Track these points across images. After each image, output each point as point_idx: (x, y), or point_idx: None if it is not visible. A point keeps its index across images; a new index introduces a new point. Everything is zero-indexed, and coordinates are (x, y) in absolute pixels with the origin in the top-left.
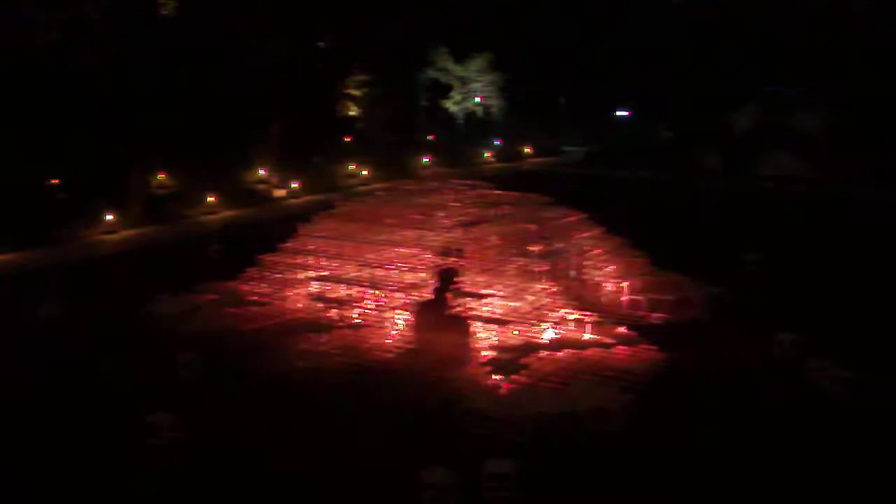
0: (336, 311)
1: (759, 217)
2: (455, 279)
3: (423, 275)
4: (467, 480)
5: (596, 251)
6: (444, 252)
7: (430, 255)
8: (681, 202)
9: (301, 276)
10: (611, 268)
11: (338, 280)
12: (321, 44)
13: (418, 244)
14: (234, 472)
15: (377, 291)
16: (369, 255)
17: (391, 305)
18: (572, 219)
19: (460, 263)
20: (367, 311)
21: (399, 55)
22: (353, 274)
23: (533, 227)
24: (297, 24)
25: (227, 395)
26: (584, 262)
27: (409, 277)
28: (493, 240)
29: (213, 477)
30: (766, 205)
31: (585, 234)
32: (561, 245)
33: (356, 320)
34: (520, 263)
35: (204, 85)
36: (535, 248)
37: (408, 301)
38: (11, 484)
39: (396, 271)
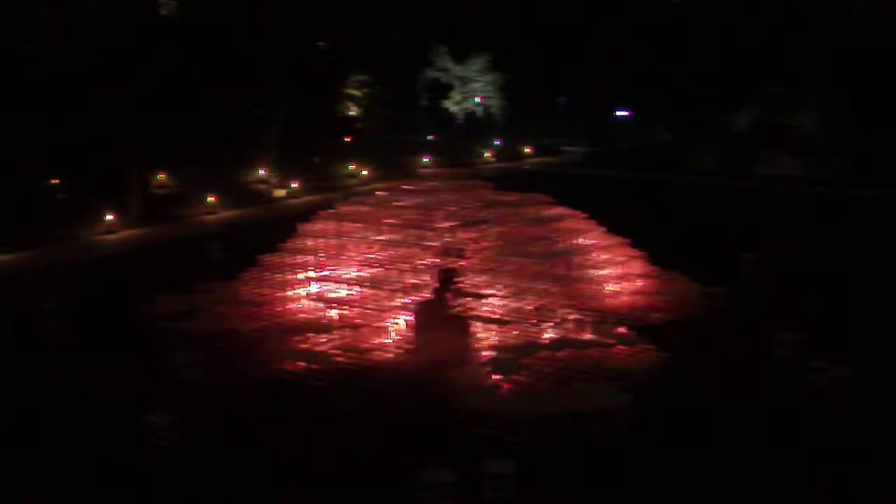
0: (336, 311)
1: (759, 217)
2: (455, 279)
3: (424, 275)
4: (467, 480)
5: (596, 251)
6: (444, 252)
7: (430, 256)
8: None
9: (301, 276)
10: (611, 268)
11: (338, 280)
12: (321, 44)
13: (418, 244)
14: (232, 472)
15: (377, 292)
16: (369, 255)
17: (391, 305)
18: (572, 219)
19: (460, 263)
20: (367, 311)
21: (399, 55)
22: (353, 274)
23: (533, 227)
24: (297, 23)
25: (226, 395)
26: (584, 262)
27: (409, 277)
28: (493, 240)
29: (211, 477)
30: (766, 204)
31: (586, 234)
32: (561, 245)
33: (356, 320)
34: (520, 263)
35: (204, 85)
36: (535, 248)
37: (408, 301)
38: (11, 484)
39: (396, 271)
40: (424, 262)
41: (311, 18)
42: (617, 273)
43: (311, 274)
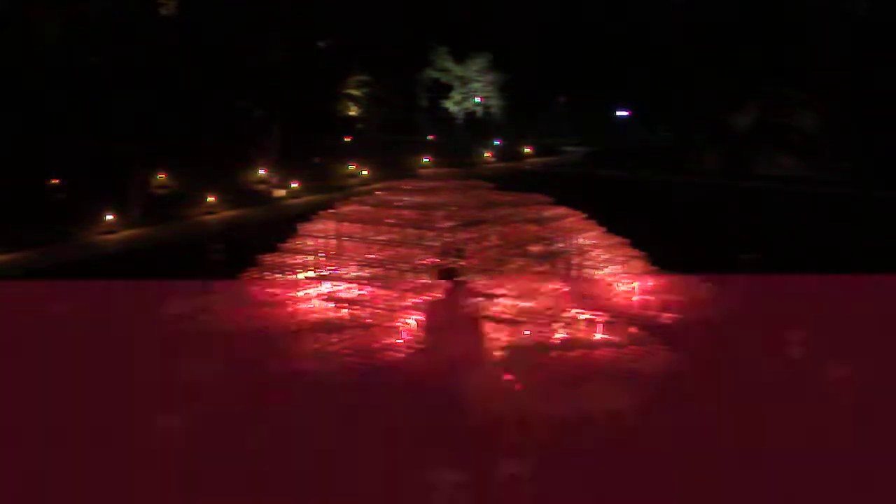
0: (346, 311)
1: (759, 217)
2: (463, 279)
3: (425, 275)
4: (478, 481)
5: (599, 251)
6: (445, 252)
7: (430, 256)
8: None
9: (302, 276)
10: (620, 268)
11: (347, 280)
12: (321, 44)
13: (418, 244)
14: (238, 472)
15: (387, 291)
16: (369, 255)
17: (401, 306)
18: (573, 219)
19: (468, 264)
20: (376, 311)
21: (399, 55)
22: (353, 274)
23: (533, 227)
24: (297, 24)
25: (230, 396)
26: (591, 263)
27: (411, 278)
28: (494, 240)
29: (215, 477)
30: (766, 204)
31: (586, 234)
32: (566, 245)
33: (367, 320)
34: (520, 263)
35: (204, 85)
36: (538, 249)
37: (418, 301)
38: (11, 484)
39: (397, 271)
40: (425, 262)
41: (311, 19)
42: (627, 273)
43: (312, 274)
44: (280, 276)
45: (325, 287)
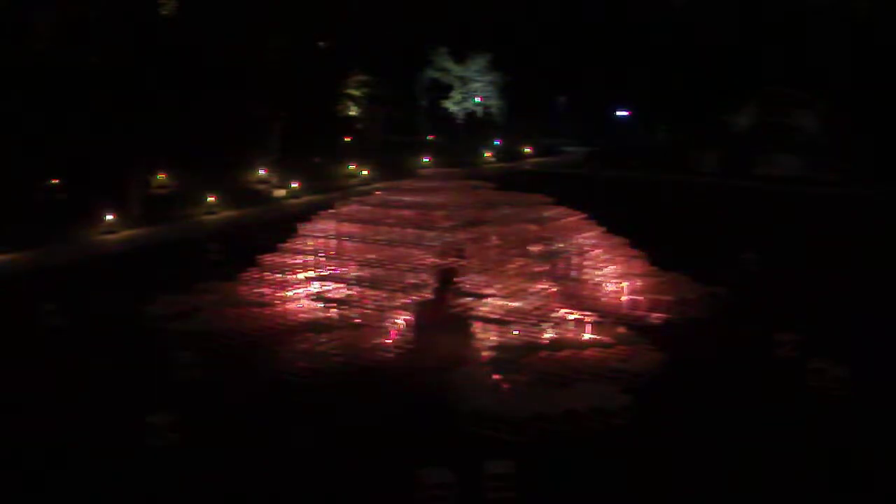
0: (336, 311)
1: (759, 217)
2: (455, 279)
3: (424, 275)
4: (467, 480)
5: (596, 251)
6: (444, 252)
7: (430, 256)
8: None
9: (301, 276)
10: (611, 268)
11: (338, 280)
12: (321, 44)
13: (418, 244)
14: (232, 472)
15: (377, 292)
16: (369, 255)
17: (391, 305)
18: (572, 219)
19: (460, 263)
20: (366, 311)
21: (399, 55)
22: (353, 274)
23: (533, 227)
24: (297, 24)
25: (226, 395)
26: (584, 262)
27: (410, 277)
28: (493, 240)
29: (211, 476)
30: (766, 204)
31: (585, 234)
32: (561, 245)
33: (356, 320)
34: (520, 263)
35: (204, 85)
36: (535, 248)
37: (408, 301)
38: (12, 482)
39: (396, 271)
40: (424, 262)
41: (312, 19)
42: (617, 273)
43: (311, 274)
44: (279, 275)
45: (315, 287)
